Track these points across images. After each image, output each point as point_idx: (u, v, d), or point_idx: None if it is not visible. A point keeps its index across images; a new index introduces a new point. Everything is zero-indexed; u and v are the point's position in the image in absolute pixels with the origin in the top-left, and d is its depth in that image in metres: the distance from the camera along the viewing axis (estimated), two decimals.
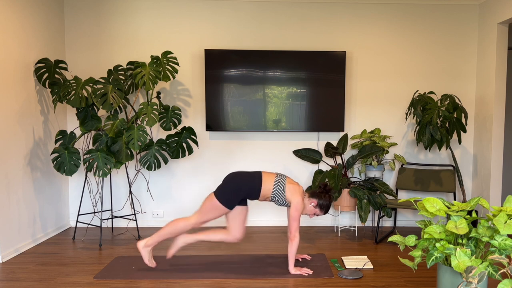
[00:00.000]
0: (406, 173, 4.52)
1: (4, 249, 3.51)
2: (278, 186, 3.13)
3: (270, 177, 3.16)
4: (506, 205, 2.39)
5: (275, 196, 3.14)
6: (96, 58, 4.53)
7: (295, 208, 3.09)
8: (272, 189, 3.12)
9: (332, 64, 4.47)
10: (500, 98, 4.29)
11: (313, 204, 3.17)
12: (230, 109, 4.47)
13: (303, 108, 4.50)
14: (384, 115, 4.67)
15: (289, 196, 3.11)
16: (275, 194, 3.13)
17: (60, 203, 4.45)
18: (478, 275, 2.09)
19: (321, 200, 3.17)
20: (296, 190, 3.13)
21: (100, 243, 3.93)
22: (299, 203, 3.09)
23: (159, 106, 4.10)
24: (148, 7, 4.52)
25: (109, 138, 3.80)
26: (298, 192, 3.12)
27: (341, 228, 4.60)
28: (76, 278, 3.10)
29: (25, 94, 3.80)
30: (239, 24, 4.56)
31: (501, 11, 4.18)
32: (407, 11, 4.60)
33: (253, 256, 3.61)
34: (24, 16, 3.79)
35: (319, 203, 3.17)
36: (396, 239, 2.62)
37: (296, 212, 3.08)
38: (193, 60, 4.57)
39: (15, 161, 3.67)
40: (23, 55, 3.77)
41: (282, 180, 3.16)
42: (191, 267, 3.30)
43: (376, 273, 3.21)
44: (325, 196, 3.19)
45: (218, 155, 4.65)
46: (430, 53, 4.63)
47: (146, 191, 4.65)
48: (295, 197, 3.10)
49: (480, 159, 4.55)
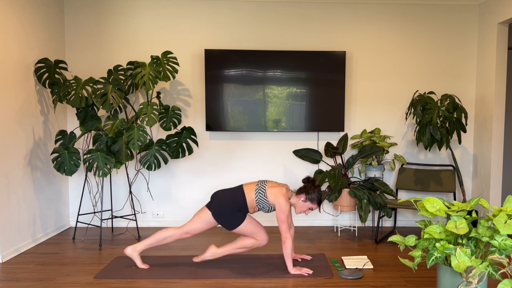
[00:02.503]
0: (406, 173, 4.52)
1: (4, 249, 3.51)
2: (259, 193, 3.12)
3: (251, 187, 3.17)
4: (506, 205, 2.40)
5: (259, 203, 3.14)
6: (96, 58, 4.54)
7: (280, 210, 3.07)
8: (255, 198, 3.13)
9: (332, 64, 4.47)
10: (500, 98, 4.29)
11: (302, 199, 3.14)
12: (230, 109, 4.47)
13: (303, 108, 4.50)
14: (384, 115, 4.67)
15: (272, 200, 3.11)
16: (259, 202, 3.13)
17: (60, 203, 4.45)
18: (478, 275, 2.09)
19: (309, 194, 3.14)
20: (278, 192, 3.11)
21: (100, 243, 3.93)
22: (283, 204, 3.08)
23: (159, 106, 4.10)
24: (148, 7, 4.52)
25: (109, 138, 3.80)
26: (280, 194, 3.10)
27: (341, 228, 4.60)
28: (76, 278, 3.10)
29: (25, 94, 3.80)
30: (239, 24, 4.56)
31: (501, 11, 4.18)
32: (407, 11, 4.60)
33: (253, 256, 3.60)
34: (24, 16, 3.79)
35: (308, 197, 3.13)
36: (396, 239, 2.62)
37: (282, 214, 3.07)
38: (193, 60, 4.57)
39: (15, 161, 3.67)
40: (23, 55, 3.77)
41: (262, 186, 3.15)
42: (191, 267, 3.30)
43: (376, 273, 3.21)
44: (311, 188, 3.15)
45: (218, 155, 4.65)
46: (430, 53, 4.63)
47: (146, 191, 4.65)
48: (277, 199, 3.09)
49: (480, 159, 4.55)
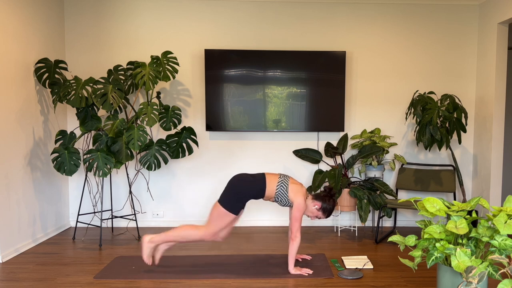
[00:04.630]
0: (406, 173, 4.52)
1: (4, 249, 3.51)
2: (281, 186, 3.13)
3: (273, 178, 3.16)
4: (506, 205, 2.39)
5: (278, 196, 3.14)
6: (96, 58, 4.53)
7: (297, 208, 3.09)
8: (276, 190, 3.13)
9: (332, 64, 4.47)
10: (500, 98, 4.29)
11: (316, 206, 3.16)
12: (230, 109, 4.47)
13: (303, 108, 4.50)
14: (384, 115, 4.67)
15: (292, 196, 3.12)
16: (278, 194, 3.13)
17: (60, 203, 4.45)
18: (478, 275, 2.09)
19: (325, 204, 3.16)
20: (299, 190, 3.13)
21: (100, 243, 3.93)
22: (301, 203, 3.10)
23: (159, 106, 4.10)
24: (148, 7, 4.52)
25: (109, 138, 3.80)
26: (301, 193, 3.13)
27: (341, 228, 4.60)
28: (76, 278, 3.10)
29: (25, 94, 3.80)
30: (239, 24, 4.56)
31: (501, 11, 4.18)
32: (407, 11, 4.60)
33: (253, 256, 3.60)
34: (24, 16, 3.79)
35: (323, 206, 3.16)
36: (396, 239, 2.62)
37: (298, 213, 3.09)
38: (193, 60, 4.57)
39: (15, 161, 3.67)
40: (23, 55, 3.77)
41: (285, 180, 3.16)
42: (191, 267, 3.30)
43: (376, 273, 3.21)
44: (329, 200, 3.17)
45: (218, 155, 4.65)
46: (430, 53, 4.63)
47: (146, 191, 4.65)
48: (297, 198, 3.10)
49: (480, 159, 4.54)
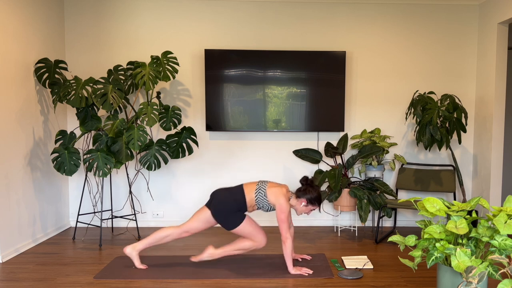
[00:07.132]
0: (406, 173, 4.52)
1: (4, 249, 3.51)
2: (259, 193, 3.14)
3: (251, 187, 3.18)
4: (506, 205, 2.39)
5: (259, 203, 3.16)
6: (96, 58, 4.53)
7: (280, 210, 3.09)
8: (255, 198, 3.14)
9: (332, 64, 4.47)
10: (500, 98, 4.29)
11: (303, 203, 3.17)
12: (230, 109, 4.47)
13: (303, 108, 4.50)
14: (384, 115, 4.67)
15: (273, 200, 3.12)
16: (258, 201, 3.15)
17: (60, 203, 4.45)
18: (478, 275, 2.09)
19: (309, 195, 3.15)
20: (278, 192, 3.12)
21: (100, 243, 3.93)
22: (283, 204, 3.09)
23: (159, 106, 4.10)
24: (148, 7, 4.52)
25: (109, 138, 3.80)
26: (281, 194, 3.12)
27: (341, 228, 4.60)
28: (76, 278, 3.10)
29: (25, 94, 3.80)
30: (239, 24, 4.56)
31: (501, 11, 4.18)
32: (407, 11, 4.60)
33: (253, 256, 3.60)
34: (24, 16, 3.79)
35: (309, 199, 3.16)
36: (396, 239, 2.62)
37: (282, 214, 3.08)
38: (193, 60, 4.57)
39: (15, 161, 3.67)
40: (23, 55, 3.77)
41: (262, 186, 3.17)
42: (191, 267, 3.30)
43: (376, 273, 3.21)
44: (311, 190, 3.17)
45: (218, 155, 4.65)
46: (430, 53, 4.63)
47: (146, 191, 4.65)
48: (278, 199, 3.10)
49: (480, 159, 4.54)
